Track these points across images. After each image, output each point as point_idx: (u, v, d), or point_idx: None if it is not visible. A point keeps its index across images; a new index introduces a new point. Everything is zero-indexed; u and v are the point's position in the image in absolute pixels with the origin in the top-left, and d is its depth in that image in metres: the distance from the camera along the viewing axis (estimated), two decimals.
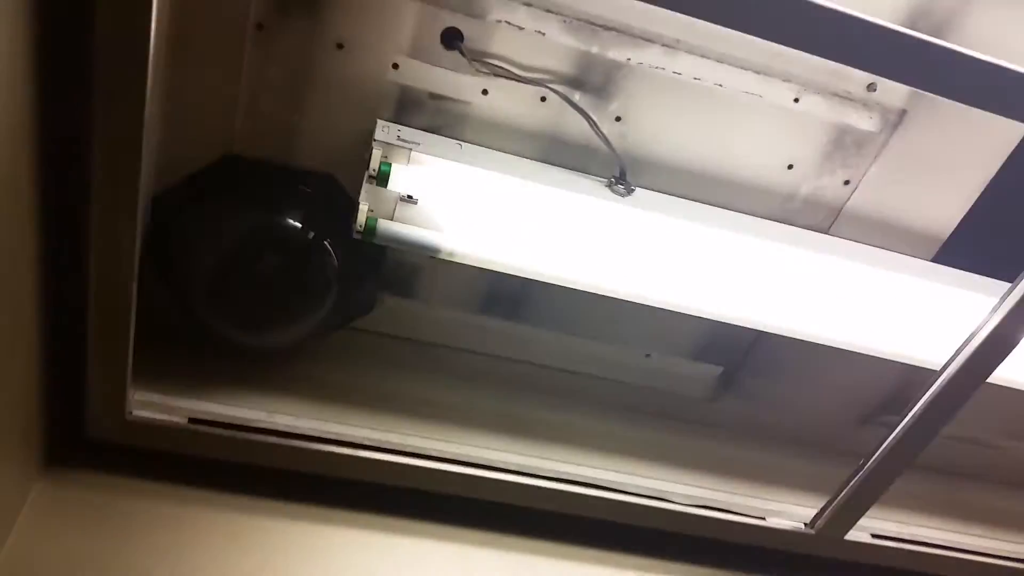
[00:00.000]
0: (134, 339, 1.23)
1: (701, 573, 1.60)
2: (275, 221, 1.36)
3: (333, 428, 1.44)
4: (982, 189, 1.54)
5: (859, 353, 1.55)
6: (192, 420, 1.36)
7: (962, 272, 1.54)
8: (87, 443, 1.33)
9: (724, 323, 1.49)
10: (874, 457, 1.49)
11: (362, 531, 1.43)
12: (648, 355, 1.74)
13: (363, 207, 1.30)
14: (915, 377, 1.51)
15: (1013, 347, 1.35)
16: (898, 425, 1.46)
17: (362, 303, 1.56)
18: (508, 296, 1.62)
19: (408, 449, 1.45)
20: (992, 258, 1.50)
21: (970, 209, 1.56)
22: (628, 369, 1.75)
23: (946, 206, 1.56)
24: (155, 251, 1.34)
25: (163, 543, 1.31)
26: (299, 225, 1.36)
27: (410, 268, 1.57)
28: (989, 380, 1.41)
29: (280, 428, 1.41)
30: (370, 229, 1.30)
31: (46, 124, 1.03)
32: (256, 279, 1.36)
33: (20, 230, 1.05)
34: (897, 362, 1.56)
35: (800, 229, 1.52)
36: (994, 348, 1.35)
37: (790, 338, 1.52)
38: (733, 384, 1.81)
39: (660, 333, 1.70)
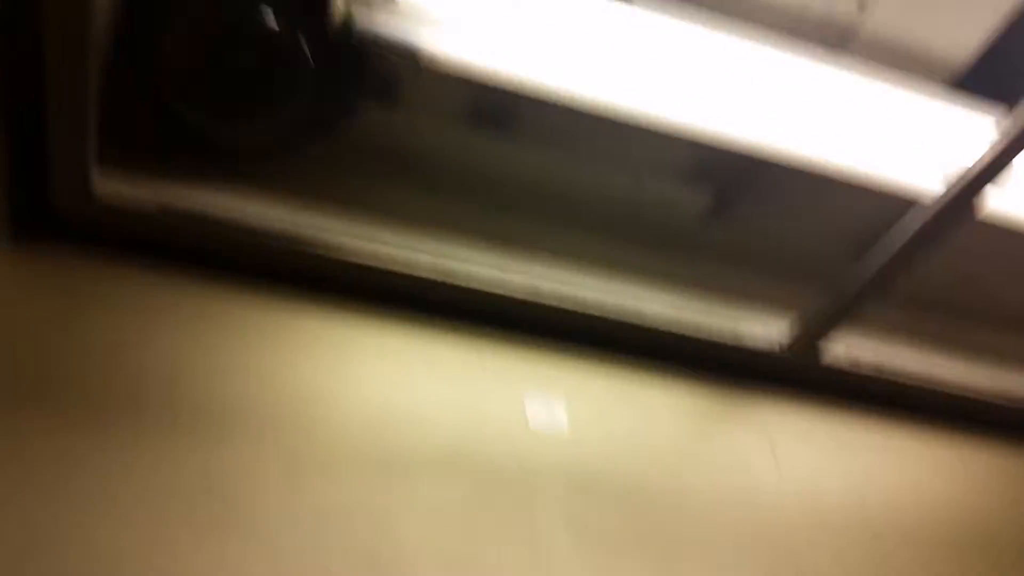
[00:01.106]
0: (100, 124, 1.18)
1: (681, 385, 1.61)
2: (247, 9, 1.29)
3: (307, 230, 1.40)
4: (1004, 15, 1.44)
5: (856, 185, 1.50)
6: (161, 207, 1.32)
7: (974, 100, 1.47)
8: (55, 221, 1.29)
9: (719, 149, 1.44)
10: (860, 280, 1.47)
11: (334, 323, 1.41)
12: (639, 178, 1.69)
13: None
14: None
15: (1005, 175, 1.30)
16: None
17: (341, 110, 1.50)
18: (495, 109, 1.55)
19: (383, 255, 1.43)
20: (1011, 88, 1.42)
21: (991, 36, 1.46)
22: (618, 191, 1.71)
23: (965, 31, 1.46)
24: (124, 38, 1.28)
25: (132, 319, 1.30)
26: (271, 12, 1.28)
27: (392, 76, 1.48)
28: (985, 219, 1.37)
29: (252, 225, 1.37)
30: (347, 24, 1.24)
31: None
32: (226, 67, 1.30)
33: None
34: (895, 196, 1.51)
35: (807, 45, 1.43)
36: (987, 177, 1.30)
37: (787, 167, 1.47)
38: (726, 211, 1.77)
39: (653, 156, 1.65)
